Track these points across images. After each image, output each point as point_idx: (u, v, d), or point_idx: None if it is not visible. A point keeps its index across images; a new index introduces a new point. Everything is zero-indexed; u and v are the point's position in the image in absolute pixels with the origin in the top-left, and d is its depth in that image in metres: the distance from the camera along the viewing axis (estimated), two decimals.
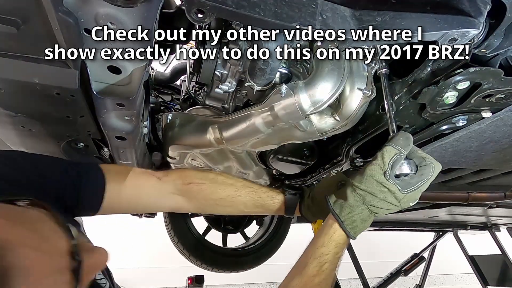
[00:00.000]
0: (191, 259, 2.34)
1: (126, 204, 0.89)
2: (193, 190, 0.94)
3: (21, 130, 1.01)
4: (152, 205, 0.97)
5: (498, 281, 3.16)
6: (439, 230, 3.44)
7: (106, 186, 0.81)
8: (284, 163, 1.34)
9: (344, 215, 0.75)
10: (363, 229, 0.76)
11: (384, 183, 0.71)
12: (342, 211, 0.75)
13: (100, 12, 0.58)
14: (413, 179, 0.71)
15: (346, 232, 0.74)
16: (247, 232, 2.70)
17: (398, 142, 0.73)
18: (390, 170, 0.71)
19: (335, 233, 0.75)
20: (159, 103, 1.64)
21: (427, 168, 0.72)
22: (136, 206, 0.94)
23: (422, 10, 0.64)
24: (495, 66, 0.73)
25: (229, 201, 0.96)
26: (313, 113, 0.90)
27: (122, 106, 0.81)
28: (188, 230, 2.37)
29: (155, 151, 1.39)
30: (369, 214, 0.75)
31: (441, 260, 3.88)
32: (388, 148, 0.72)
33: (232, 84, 1.02)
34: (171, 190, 0.94)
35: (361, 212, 0.74)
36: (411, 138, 0.74)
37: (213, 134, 1.11)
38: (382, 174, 0.71)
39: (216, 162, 1.41)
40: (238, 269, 2.46)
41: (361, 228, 0.75)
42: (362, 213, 0.74)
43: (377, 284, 3.12)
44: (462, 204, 1.83)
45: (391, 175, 0.71)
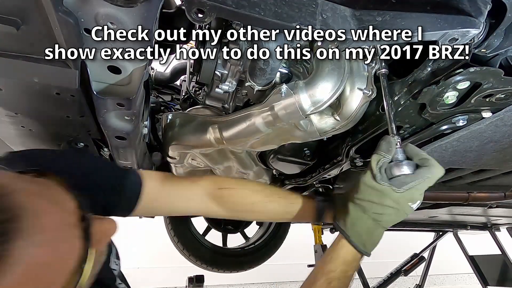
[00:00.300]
0: (191, 259, 2.34)
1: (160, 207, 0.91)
2: (224, 195, 0.95)
3: (21, 130, 1.01)
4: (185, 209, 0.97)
5: (498, 281, 3.16)
6: (439, 230, 3.44)
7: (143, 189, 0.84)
8: (284, 163, 1.34)
9: (348, 227, 0.74)
10: (372, 242, 0.75)
11: (377, 187, 0.72)
12: (346, 225, 0.75)
13: (100, 12, 0.58)
14: (408, 178, 0.71)
15: (354, 245, 0.73)
16: (247, 232, 2.70)
17: (381, 148, 0.75)
18: (379, 174, 0.72)
19: (343, 249, 0.75)
20: (159, 103, 1.64)
21: (426, 169, 0.72)
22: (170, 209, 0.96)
23: (422, 10, 0.64)
24: (495, 66, 0.73)
25: (260, 206, 0.96)
26: (313, 113, 0.90)
27: (122, 106, 0.81)
28: (188, 230, 2.38)
29: (155, 151, 1.39)
30: (374, 224, 0.73)
31: (441, 260, 3.88)
32: (373, 156, 0.75)
33: (232, 84, 1.02)
34: (203, 195, 0.94)
35: (364, 223, 0.73)
36: (392, 141, 0.75)
37: (213, 134, 1.11)
38: (372, 179, 0.72)
39: (216, 162, 1.41)
40: (238, 269, 2.46)
41: (368, 241, 0.74)
42: (366, 224, 0.73)
43: (377, 284, 3.12)
44: (462, 204, 1.83)
45: (382, 179, 0.72)
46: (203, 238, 2.46)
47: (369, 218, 0.73)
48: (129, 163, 1.21)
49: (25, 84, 0.74)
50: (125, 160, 1.19)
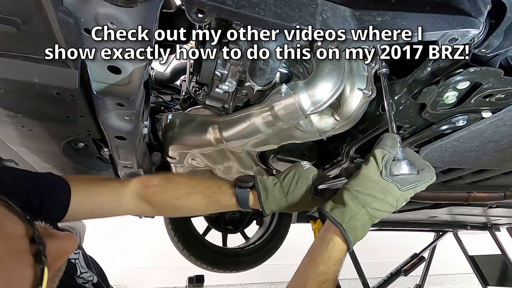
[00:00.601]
0: (191, 259, 2.34)
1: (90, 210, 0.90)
2: (150, 192, 0.94)
3: (21, 130, 1.01)
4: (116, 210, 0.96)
5: (498, 281, 3.16)
6: (439, 230, 3.44)
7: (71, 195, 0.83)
8: (284, 163, 1.34)
9: (345, 221, 0.70)
10: (359, 239, 0.73)
11: (382, 183, 0.70)
12: (343, 218, 0.71)
13: (100, 12, 0.58)
14: (412, 177, 0.71)
15: (348, 241, 0.70)
16: (247, 232, 2.70)
17: (385, 143, 0.73)
18: (385, 170, 0.71)
19: (335, 247, 0.71)
20: (159, 103, 1.64)
21: (427, 173, 0.72)
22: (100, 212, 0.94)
23: (422, 10, 0.64)
24: (495, 66, 0.73)
25: (184, 200, 0.93)
26: (313, 113, 0.90)
27: (122, 106, 0.81)
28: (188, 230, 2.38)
29: (155, 151, 1.39)
30: (368, 219, 0.72)
31: (441, 260, 3.87)
32: (377, 150, 0.73)
33: (232, 84, 1.02)
34: (132, 195, 0.94)
35: (361, 217, 0.71)
36: (397, 138, 0.74)
37: (213, 134, 1.11)
38: (379, 175, 0.71)
39: (216, 162, 1.41)
40: (238, 269, 2.46)
41: (358, 237, 0.72)
42: (363, 219, 0.71)
43: (377, 284, 3.12)
44: (462, 204, 1.83)
45: (387, 174, 0.70)
46: (203, 238, 2.46)
47: (366, 213, 0.71)
48: (129, 163, 1.21)
49: (25, 84, 0.74)
50: (125, 160, 1.19)
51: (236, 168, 1.47)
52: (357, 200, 0.71)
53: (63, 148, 1.15)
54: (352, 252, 2.91)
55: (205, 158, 1.37)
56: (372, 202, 0.71)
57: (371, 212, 0.71)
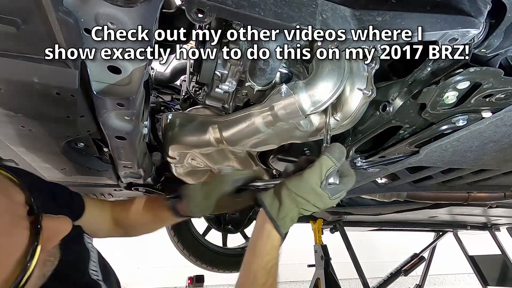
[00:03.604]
0: (191, 259, 2.35)
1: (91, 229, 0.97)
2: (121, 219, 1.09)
3: (21, 130, 1.01)
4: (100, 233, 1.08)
5: (498, 281, 3.16)
6: (439, 230, 3.44)
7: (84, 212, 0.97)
8: (284, 163, 1.34)
9: (280, 218, 0.81)
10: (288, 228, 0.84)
11: (319, 192, 0.78)
12: (278, 215, 0.81)
13: (100, 12, 0.58)
14: (339, 187, 0.81)
15: (281, 234, 0.82)
16: (247, 232, 2.70)
17: (335, 154, 0.79)
18: (325, 181, 0.79)
19: (275, 238, 0.82)
20: (159, 103, 1.64)
21: (350, 179, 0.82)
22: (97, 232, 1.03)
23: (422, 10, 0.64)
24: (495, 66, 0.73)
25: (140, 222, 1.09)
26: (313, 113, 0.90)
27: (122, 106, 0.81)
28: (188, 230, 2.37)
29: (155, 151, 1.39)
30: (297, 215, 0.83)
31: (441, 260, 3.88)
32: (326, 159, 0.78)
33: (232, 84, 1.02)
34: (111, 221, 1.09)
35: (293, 214, 0.82)
36: (345, 152, 0.81)
37: (213, 134, 1.11)
38: (319, 185, 0.78)
39: (216, 162, 1.41)
40: (238, 269, 2.46)
41: (289, 227, 0.84)
42: (294, 215, 0.82)
43: (377, 284, 3.12)
44: (462, 204, 1.83)
45: (325, 186, 0.79)
46: (203, 238, 2.46)
47: (297, 211, 0.82)
48: (129, 163, 1.21)
49: (25, 84, 0.74)
50: (125, 160, 1.19)
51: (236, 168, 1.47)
52: (293, 200, 0.80)
53: (63, 148, 1.15)
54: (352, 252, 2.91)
55: (205, 158, 1.37)
56: (305, 204, 0.80)
57: (301, 211, 0.83)
